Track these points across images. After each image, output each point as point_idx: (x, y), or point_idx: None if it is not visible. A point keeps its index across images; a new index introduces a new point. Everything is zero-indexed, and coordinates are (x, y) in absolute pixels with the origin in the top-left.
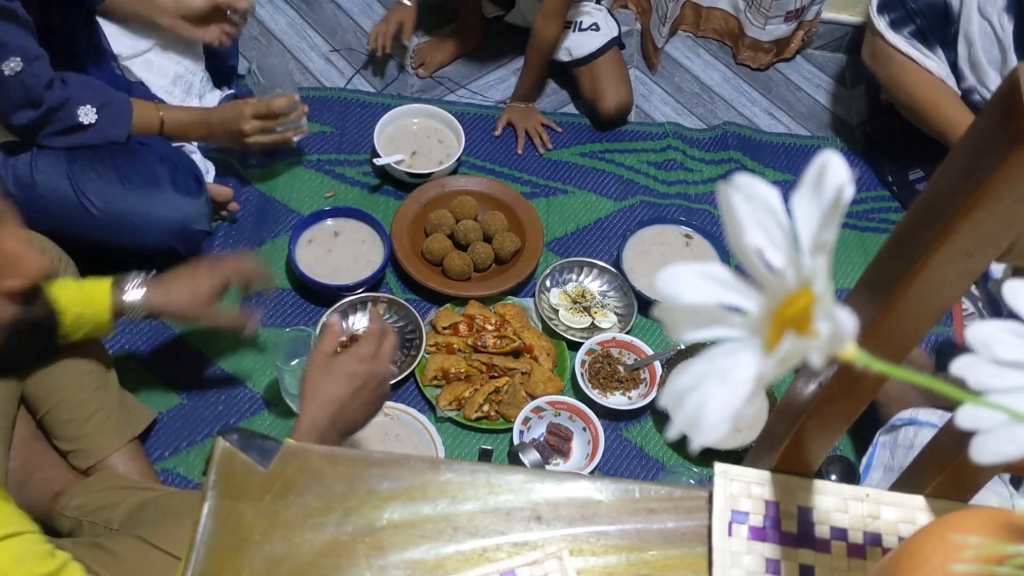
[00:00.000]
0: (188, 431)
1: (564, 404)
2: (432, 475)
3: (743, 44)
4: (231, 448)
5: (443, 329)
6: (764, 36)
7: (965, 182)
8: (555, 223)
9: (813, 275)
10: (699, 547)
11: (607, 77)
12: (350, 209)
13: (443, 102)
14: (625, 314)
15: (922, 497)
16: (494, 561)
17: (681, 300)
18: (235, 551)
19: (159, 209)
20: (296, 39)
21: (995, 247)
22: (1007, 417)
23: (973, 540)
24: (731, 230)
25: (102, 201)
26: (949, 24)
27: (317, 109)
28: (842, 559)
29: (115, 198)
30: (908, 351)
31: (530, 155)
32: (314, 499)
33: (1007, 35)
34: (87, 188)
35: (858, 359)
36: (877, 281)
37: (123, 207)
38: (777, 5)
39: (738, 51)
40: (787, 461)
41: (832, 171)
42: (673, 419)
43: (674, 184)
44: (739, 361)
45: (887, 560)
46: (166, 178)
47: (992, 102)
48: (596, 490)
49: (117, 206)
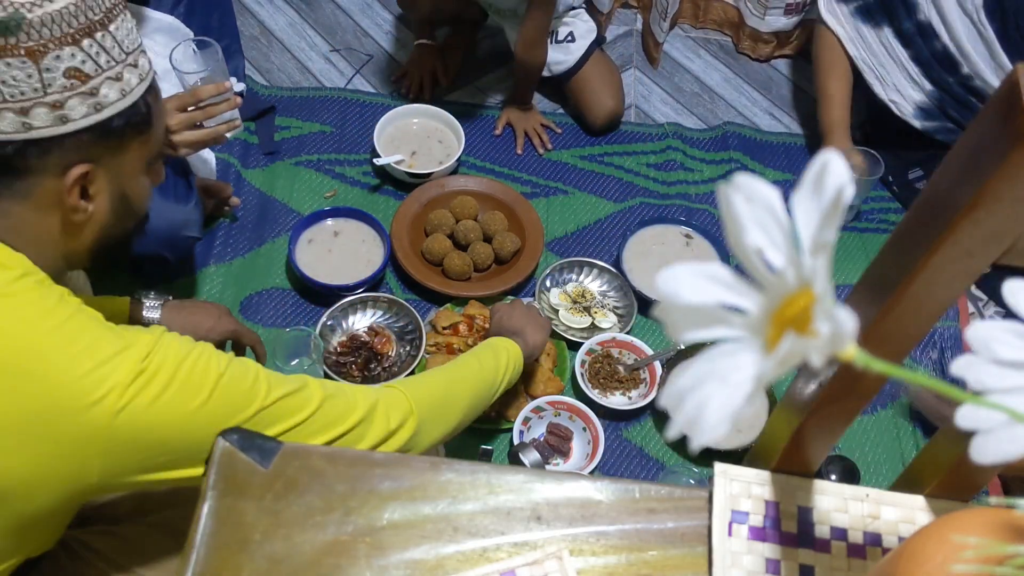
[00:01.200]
0: None
1: (564, 404)
2: (432, 475)
3: (743, 34)
4: (231, 448)
5: (443, 329)
6: (764, 27)
7: (965, 182)
8: (555, 223)
9: (813, 275)
10: (699, 547)
11: (592, 88)
12: (350, 209)
13: (443, 102)
14: (625, 314)
15: (922, 497)
16: (494, 561)
17: (681, 300)
18: (236, 550)
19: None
20: (296, 39)
21: (995, 246)
22: (1007, 417)
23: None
24: (731, 230)
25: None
26: (910, 10)
27: (317, 109)
28: (842, 559)
29: None
30: (908, 351)
31: (530, 155)
32: (315, 498)
33: (989, 33)
34: None
35: (858, 359)
36: (877, 281)
37: None
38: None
39: (738, 40)
40: (787, 461)
41: (832, 171)
42: (673, 419)
43: (674, 184)
44: (739, 361)
45: (887, 560)
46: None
47: (992, 102)
48: (596, 490)
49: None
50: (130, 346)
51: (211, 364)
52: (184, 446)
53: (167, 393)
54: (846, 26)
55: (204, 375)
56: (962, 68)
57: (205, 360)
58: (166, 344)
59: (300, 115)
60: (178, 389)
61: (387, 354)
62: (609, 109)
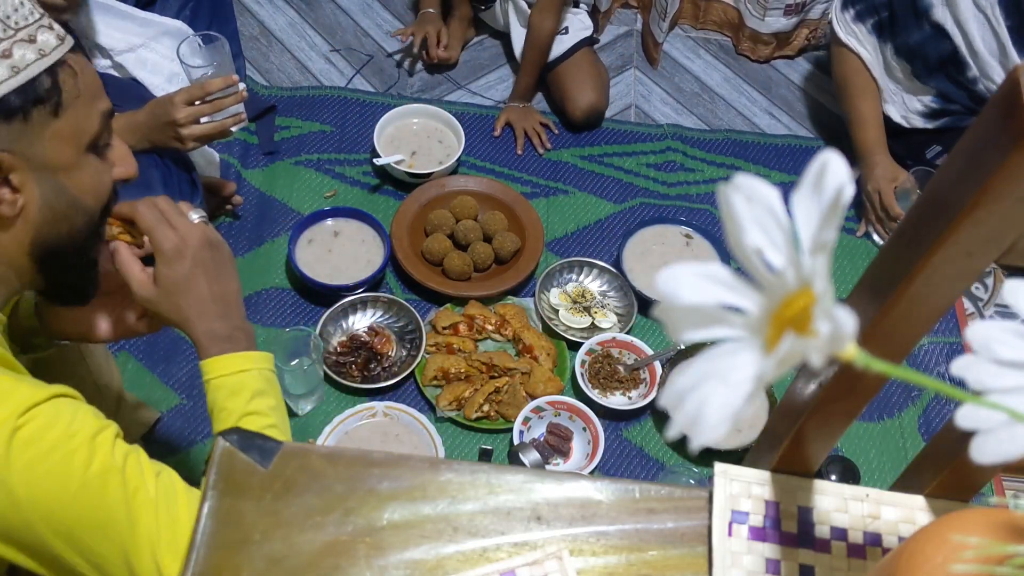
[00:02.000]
0: (188, 431)
1: (564, 404)
2: (432, 475)
3: (743, 35)
4: (231, 448)
5: (443, 329)
6: (763, 28)
7: (966, 181)
8: (555, 223)
9: (813, 275)
10: (699, 547)
11: (575, 79)
12: (350, 209)
13: (443, 102)
14: (625, 314)
15: (922, 497)
16: (494, 561)
17: (681, 300)
18: (235, 550)
19: None
20: (296, 39)
21: (996, 246)
22: (1007, 417)
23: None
24: (731, 230)
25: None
26: (921, 13)
27: (317, 109)
28: (842, 559)
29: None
30: (908, 351)
31: (530, 155)
32: (314, 499)
33: (1002, 28)
34: None
35: (858, 359)
36: (877, 281)
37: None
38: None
39: (738, 42)
40: (787, 461)
41: (832, 171)
42: (673, 419)
43: (675, 185)
44: (739, 361)
45: (887, 560)
46: (158, 182)
47: (992, 102)
48: (596, 490)
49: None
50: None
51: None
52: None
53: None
54: (868, 48)
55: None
56: (969, 70)
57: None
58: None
59: (300, 115)
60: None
61: (387, 354)
62: (590, 101)
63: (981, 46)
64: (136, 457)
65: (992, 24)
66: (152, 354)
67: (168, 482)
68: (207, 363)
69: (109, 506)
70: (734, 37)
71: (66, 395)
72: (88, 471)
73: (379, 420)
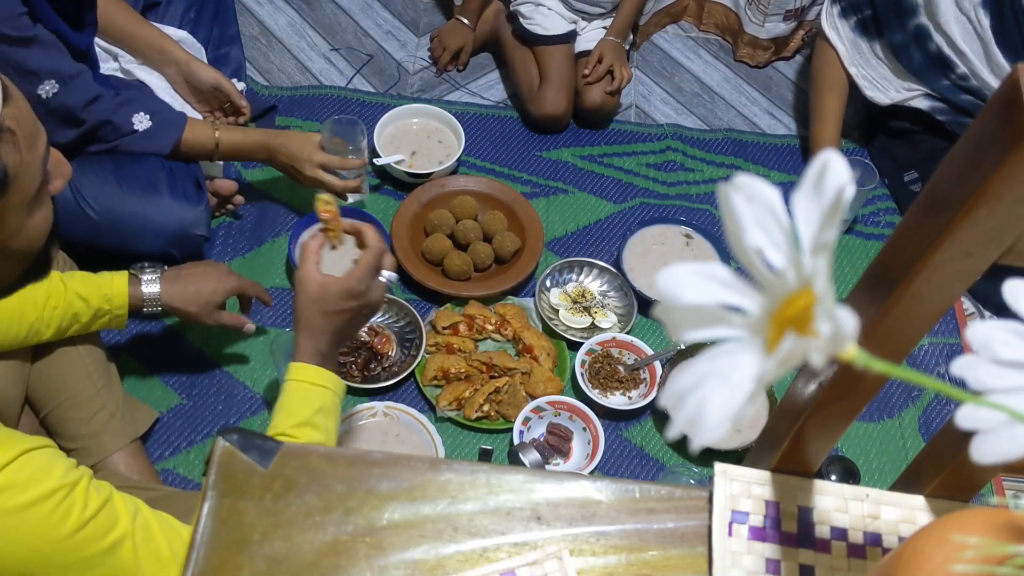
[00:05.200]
0: (188, 431)
1: (564, 404)
2: (432, 475)
3: (742, 41)
4: (231, 448)
5: (443, 329)
6: (763, 34)
7: (965, 181)
8: (555, 223)
9: (814, 275)
10: (699, 547)
11: (548, 76)
12: (350, 209)
13: (443, 102)
14: (625, 314)
15: (922, 497)
16: (494, 561)
17: (681, 300)
18: (235, 550)
19: (156, 215)
20: (296, 39)
21: (995, 247)
22: (1007, 417)
23: (973, 540)
24: (732, 230)
25: (100, 204)
26: (906, 15)
27: (317, 109)
28: (842, 559)
29: (113, 202)
30: (908, 351)
31: (530, 155)
32: (314, 499)
33: (985, 30)
34: (85, 190)
35: (858, 359)
36: (877, 281)
37: (120, 211)
38: (776, 3)
39: (737, 47)
40: (787, 461)
41: (832, 171)
42: (673, 419)
43: (675, 185)
44: (739, 361)
45: (887, 560)
46: (165, 184)
47: (992, 102)
48: (596, 490)
49: (115, 210)
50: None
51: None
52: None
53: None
54: (846, 43)
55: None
56: (957, 68)
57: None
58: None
59: (300, 115)
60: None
61: (387, 354)
62: (602, 96)
63: (965, 47)
64: (111, 506)
65: (974, 26)
66: (152, 354)
67: (143, 522)
68: (297, 365)
69: (89, 558)
70: (733, 43)
71: (34, 448)
72: (62, 529)
73: (379, 420)
